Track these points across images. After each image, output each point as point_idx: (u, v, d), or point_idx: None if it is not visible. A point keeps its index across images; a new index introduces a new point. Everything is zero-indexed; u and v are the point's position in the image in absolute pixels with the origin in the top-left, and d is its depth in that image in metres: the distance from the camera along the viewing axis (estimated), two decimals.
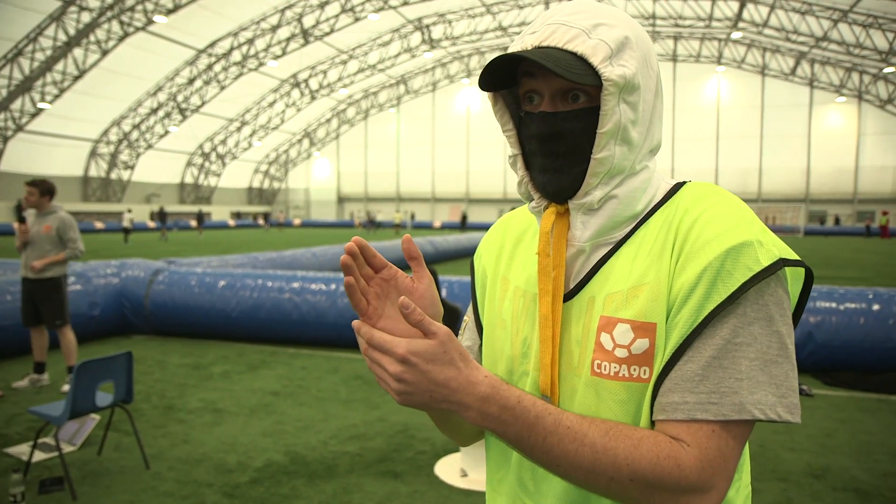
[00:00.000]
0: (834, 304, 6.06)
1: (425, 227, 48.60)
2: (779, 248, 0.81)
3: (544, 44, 0.84)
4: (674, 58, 46.70)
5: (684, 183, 0.92)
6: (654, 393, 0.80)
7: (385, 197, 57.22)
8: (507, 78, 0.90)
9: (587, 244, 0.88)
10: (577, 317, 0.87)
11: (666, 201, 0.89)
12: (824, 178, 45.59)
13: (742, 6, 35.34)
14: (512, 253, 1.03)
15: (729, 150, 47.75)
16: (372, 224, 44.42)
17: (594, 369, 0.84)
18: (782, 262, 0.79)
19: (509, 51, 0.86)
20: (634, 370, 0.81)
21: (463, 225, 43.92)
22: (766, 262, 0.77)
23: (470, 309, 1.11)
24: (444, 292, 6.68)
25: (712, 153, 48.28)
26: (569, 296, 0.89)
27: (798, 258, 0.82)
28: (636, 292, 0.83)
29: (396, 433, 4.42)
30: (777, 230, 41.68)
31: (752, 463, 3.96)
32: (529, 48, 0.84)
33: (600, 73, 0.81)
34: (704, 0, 36.17)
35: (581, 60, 0.81)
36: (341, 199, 59.53)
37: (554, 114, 0.85)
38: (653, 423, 0.80)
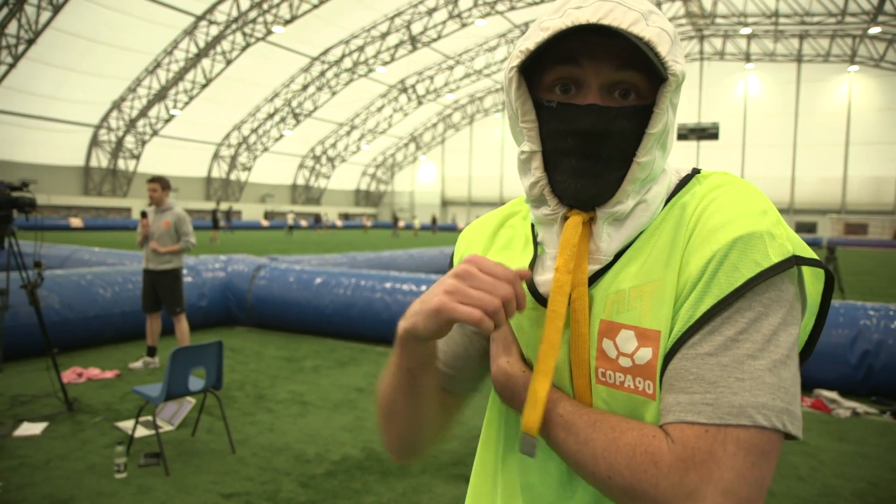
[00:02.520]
0: None
1: None
2: (793, 244, 0.73)
3: (603, 21, 0.72)
4: (798, 58, 43.45)
5: (696, 172, 0.84)
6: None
7: (488, 202, 57.46)
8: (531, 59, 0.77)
9: (612, 258, 0.79)
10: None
11: (677, 192, 0.81)
12: None
13: None
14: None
15: (860, 158, 43.70)
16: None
17: (598, 377, 0.77)
18: (795, 260, 0.70)
19: (545, 25, 0.75)
20: (639, 383, 0.73)
21: None
22: (776, 258, 0.69)
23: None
24: None
25: (839, 161, 44.43)
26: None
27: (814, 257, 0.73)
28: (640, 292, 0.75)
29: (473, 437, 4.40)
30: None
31: None
32: (584, 23, 0.72)
33: (667, 67, 0.72)
34: None
35: (647, 48, 0.71)
36: (445, 203, 60.41)
37: (607, 109, 0.74)
38: None
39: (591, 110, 0.74)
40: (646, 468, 0.67)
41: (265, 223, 44.62)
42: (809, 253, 0.73)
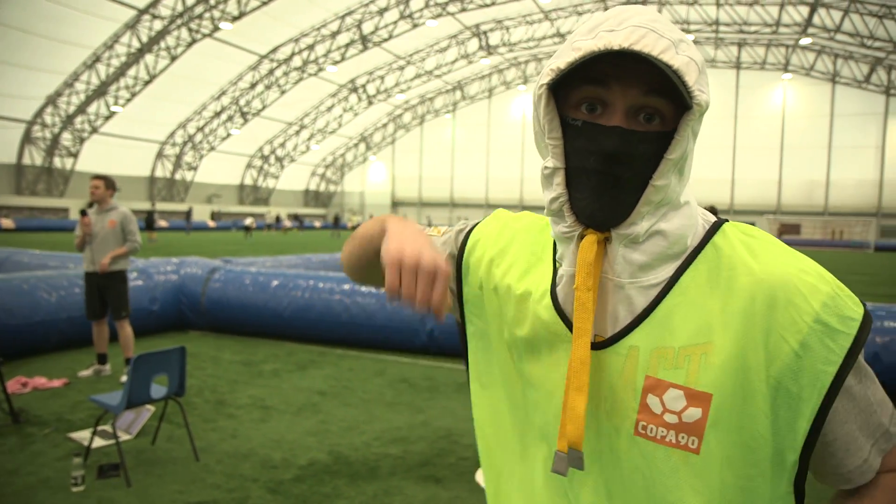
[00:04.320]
0: None
1: None
2: (852, 297, 0.79)
3: (635, 48, 0.73)
4: (737, 65, 45.28)
5: (723, 221, 0.86)
6: (801, 464, 0.77)
7: (439, 202, 57.55)
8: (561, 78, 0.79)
9: (626, 282, 0.81)
10: (613, 363, 0.81)
11: (708, 240, 0.82)
12: None
13: (812, 11, 33.97)
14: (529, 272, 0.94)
15: (793, 161, 45.95)
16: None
17: (638, 429, 0.79)
18: (865, 307, 0.79)
19: (577, 46, 0.76)
20: (682, 438, 0.76)
21: None
22: (858, 315, 0.77)
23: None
24: None
25: (775, 164, 46.54)
26: (607, 342, 0.81)
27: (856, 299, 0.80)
28: (689, 353, 0.77)
29: (439, 438, 4.42)
30: (845, 245, 39.82)
31: None
32: (616, 48, 0.73)
33: (693, 96, 0.74)
34: (772, 5, 34.92)
35: (675, 76, 0.73)
36: (395, 204, 60.19)
37: (631, 132, 0.76)
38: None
39: (616, 132, 0.76)
40: None
41: (212, 224, 43.51)
42: (854, 299, 0.80)
